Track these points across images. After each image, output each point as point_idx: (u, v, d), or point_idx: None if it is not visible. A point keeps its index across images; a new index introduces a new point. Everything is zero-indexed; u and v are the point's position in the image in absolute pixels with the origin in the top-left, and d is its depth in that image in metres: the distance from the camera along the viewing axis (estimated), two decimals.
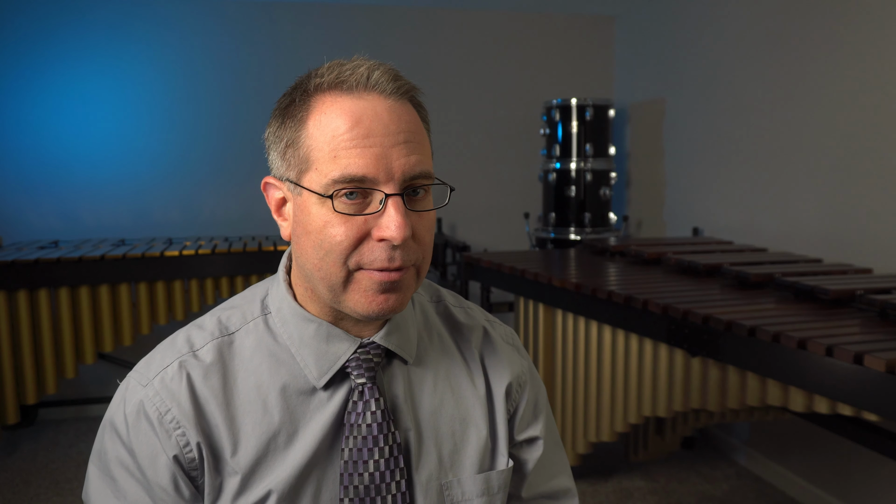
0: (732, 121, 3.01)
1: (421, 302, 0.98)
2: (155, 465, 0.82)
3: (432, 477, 0.89)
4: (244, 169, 3.61)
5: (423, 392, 0.91)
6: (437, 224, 3.72)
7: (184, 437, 0.82)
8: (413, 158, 0.79)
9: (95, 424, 3.42)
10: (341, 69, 0.80)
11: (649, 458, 2.80)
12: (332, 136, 0.77)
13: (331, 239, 0.78)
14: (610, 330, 2.17)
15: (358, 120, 0.77)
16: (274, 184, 0.85)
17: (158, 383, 0.84)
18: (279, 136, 0.82)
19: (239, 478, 0.83)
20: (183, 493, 0.83)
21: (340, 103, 0.78)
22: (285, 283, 0.89)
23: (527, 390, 0.99)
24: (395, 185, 0.77)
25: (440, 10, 3.84)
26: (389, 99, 0.79)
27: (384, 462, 0.85)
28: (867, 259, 2.34)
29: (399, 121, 0.79)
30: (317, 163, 0.78)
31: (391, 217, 0.77)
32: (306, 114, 0.80)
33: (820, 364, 1.48)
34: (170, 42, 3.55)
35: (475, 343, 0.97)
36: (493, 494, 0.92)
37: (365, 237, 0.78)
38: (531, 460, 1.00)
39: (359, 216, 0.78)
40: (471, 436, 0.92)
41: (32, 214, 3.46)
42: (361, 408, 0.85)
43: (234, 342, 0.87)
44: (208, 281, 3.06)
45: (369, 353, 0.87)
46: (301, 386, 0.86)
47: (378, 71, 0.80)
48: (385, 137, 0.77)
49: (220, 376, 0.85)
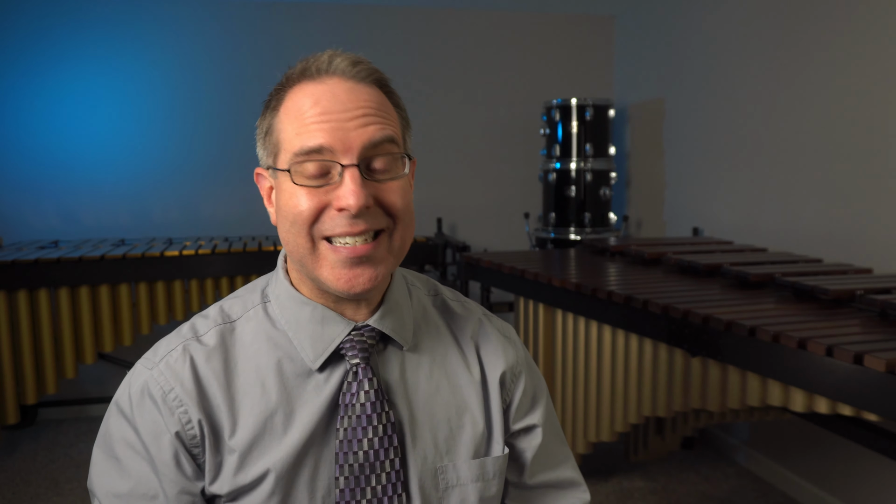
0: (732, 121, 3.01)
1: (419, 296, 1.00)
2: (158, 442, 0.85)
3: (427, 460, 0.91)
4: (244, 169, 3.60)
5: (418, 378, 0.93)
6: (437, 224, 3.73)
7: (186, 414, 0.85)
8: (371, 129, 0.82)
9: (95, 424, 3.41)
10: (307, 61, 0.86)
11: (649, 458, 2.80)
12: (296, 117, 0.83)
13: (293, 208, 0.83)
14: (610, 330, 2.17)
15: (317, 100, 0.82)
16: (262, 173, 0.91)
17: (163, 365, 0.87)
18: (261, 128, 0.89)
19: (237, 455, 0.85)
20: (185, 470, 0.86)
21: (305, 89, 0.84)
22: (283, 269, 0.93)
23: (522, 380, 1.00)
24: (352, 156, 0.81)
25: (440, 10, 3.84)
26: (350, 81, 0.84)
27: (378, 440, 0.87)
28: (867, 259, 2.34)
29: (357, 99, 0.83)
30: (284, 143, 0.84)
31: (347, 186, 0.81)
32: (279, 103, 0.86)
33: (820, 364, 1.48)
34: (170, 42, 3.55)
35: (470, 332, 0.99)
36: (487, 480, 0.94)
37: (326, 207, 0.82)
38: (530, 449, 1.01)
39: (320, 188, 0.82)
40: (466, 423, 0.94)
41: (32, 214, 3.46)
42: (356, 388, 0.88)
43: (236, 329, 0.91)
44: (208, 281, 3.06)
45: (363, 336, 0.90)
46: (298, 368, 0.89)
47: (339, 58, 0.85)
48: (342, 113, 0.82)
49: (221, 359, 0.88)
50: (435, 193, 3.85)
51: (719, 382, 1.78)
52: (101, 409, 3.52)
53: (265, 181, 0.91)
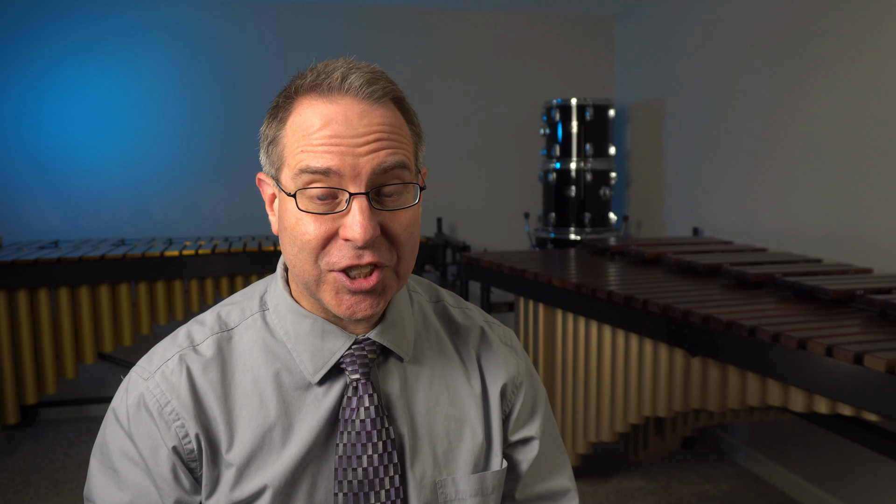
0: (732, 121, 3.01)
1: (420, 302, 0.99)
2: (156, 455, 0.84)
3: (426, 474, 0.89)
4: (244, 169, 3.61)
5: (418, 390, 0.92)
6: (437, 224, 3.73)
7: (183, 428, 0.84)
8: (382, 154, 0.79)
9: (95, 424, 3.41)
10: (319, 72, 0.81)
11: (649, 458, 2.80)
12: (303, 136, 0.79)
13: (302, 236, 0.80)
14: (610, 330, 2.17)
15: (328, 122, 0.79)
16: (264, 179, 0.88)
17: (159, 376, 0.86)
18: (266, 135, 0.85)
19: (234, 470, 0.84)
20: (183, 483, 0.85)
21: (315, 106, 0.80)
22: (283, 279, 0.91)
23: (523, 391, 0.99)
24: (360, 184, 0.78)
25: (440, 10, 3.84)
26: (363, 102, 0.80)
27: (378, 457, 0.86)
28: (867, 259, 2.34)
29: (370, 123, 0.79)
30: (288, 158, 0.81)
31: (354, 217, 0.78)
32: (286, 114, 0.82)
33: (820, 364, 1.48)
34: (170, 42, 3.55)
35: (472, 343, 0.98)
36: (486, 495, 0.93)
37: (333, 236, 0.80)
38: (525, 461, 1.00)
39: (327, 215, 0.79)
40: (465, 436, 0.93)
41: (32, 214, 3.46)
42: (356, 403, 0.86)
43: (233, 337, 0.89)
44: (208, 281, 3.06)
45: (364, 350, 0.88)
46: (297, 381, 0.87)
47: (355, 74, 0.80)
48: (353, 139, 0.78)
49: (219, 370, 0.86)
50: (435, 193, 3.85)
51: (719, 382, 1.78)
52: (101, 409, 3.52)
53: (268, 187, 0.88)
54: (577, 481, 2.76)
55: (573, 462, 2.42)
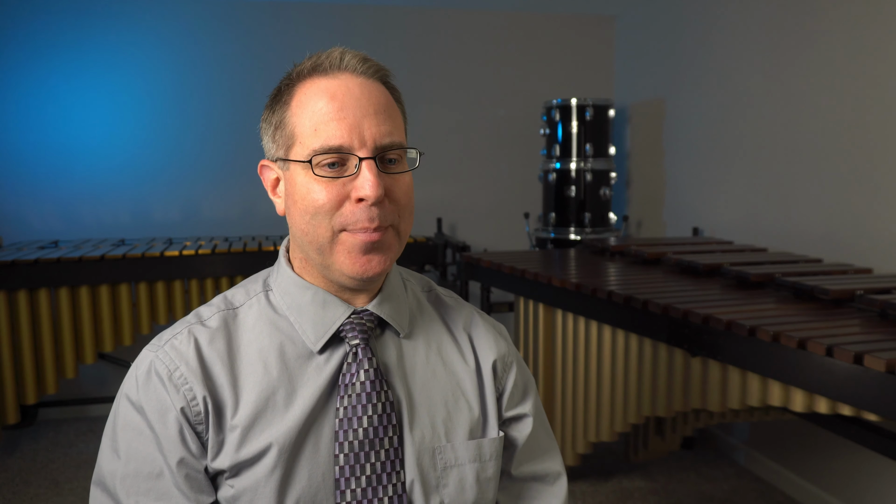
0: (732, 121, 3.01)
1: (413, 289, 1.05)
2: (165, 419, 0.88)
3: (425, 438, 0.94)
4: (244, 169, 3.61)
5: (416, 363, 0.97)
6: (437, 224, 3.73)
7: (191, 391, 0.88)
8: (384, 128, 0.88)
9: (95, 424, 3.42)
10: (318, 57, 0.91)
11: (649, 458, 2.80)
12: (312, 113, 0.88)
13: (314, 202, 0.87)
14: (610, 330, 2.17)
15: (333, 95, 0.87)
16: (268, 165, 0.95)
17: (168, 347, 0.91)
18: (269, 122, 0.93)
19: (239, 431, 0.88)
20: (190, 446, 0.88)
21: (318, 84, 0.89)
22: (284, 258, 0.98)
23: (513, 372, 1.04)
24: (367, 150, 0.87)
25: (440, 10, 3.84)
26: (360, 77, 0.90)
27: (377, 418, 0.91)
28: (867, 259, 2.34)
29: (370, 95, 0.89)
30: (300, 137, 0.88)
31: (365, 177, 0.86)
32: (290, 97, 0.90)
33: (820, 364, 1.48)
34: (170, 42, 3.55)
35: (463, 324, 1.04)
36: (484, 461, 0.97)
37: (345, 199, 0.87)
38: (520, 437, 1.04)
39: (338, 179, 0.87)
40: (462, 406, 0.98)
41: (32, 214, 3.46)
42: (355, 368, 0.92)
43: (239, 315, 0.95)
44: (208, 281, 3.06)
45: (363, 319, 0.94)
46: (299, 350, 0.93)
47: (349, 55, 0.90)
48: (357, 109, 0.87)
49: (224, 341, 0.92)
50: (435, 193, 3.85)
51: (719, 382, 1.78)
52: (101, 409, 3.52)
53: (271, 173, 0.95)
54: (576, 481, 2.76)
55: (573, 462, 2.42)
